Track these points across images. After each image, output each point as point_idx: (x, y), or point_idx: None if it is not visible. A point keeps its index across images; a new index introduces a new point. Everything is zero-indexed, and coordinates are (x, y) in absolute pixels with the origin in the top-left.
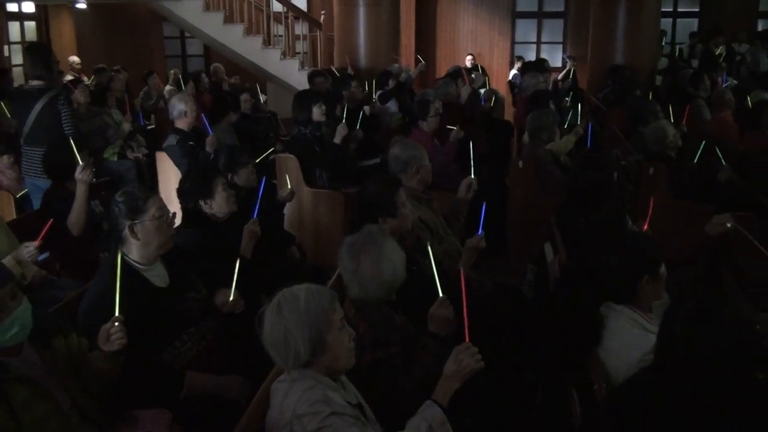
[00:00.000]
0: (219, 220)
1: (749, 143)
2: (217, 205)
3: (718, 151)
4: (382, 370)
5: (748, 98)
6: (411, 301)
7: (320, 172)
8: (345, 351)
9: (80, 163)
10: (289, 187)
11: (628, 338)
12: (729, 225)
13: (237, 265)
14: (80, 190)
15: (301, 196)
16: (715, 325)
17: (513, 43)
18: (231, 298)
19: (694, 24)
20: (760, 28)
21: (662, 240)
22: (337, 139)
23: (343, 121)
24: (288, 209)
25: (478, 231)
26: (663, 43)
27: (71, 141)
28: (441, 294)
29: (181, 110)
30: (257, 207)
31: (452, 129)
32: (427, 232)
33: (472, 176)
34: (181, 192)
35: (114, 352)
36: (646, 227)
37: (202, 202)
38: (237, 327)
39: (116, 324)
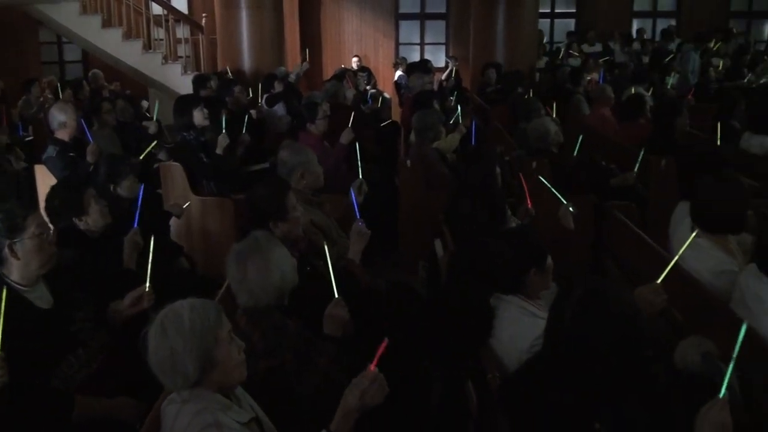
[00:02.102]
0: (95, 234)
1: (626, 135)
2: (92, 220)
3: (639, 158)
4: (277, 378)
5: (634, 89)
6: (307, 304)
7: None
8: (235, 365)
9: None
10: (184, 206)
11: (519, 326)
12: (571, 209)
13: (152, 245)
14: None
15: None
16: (602, 314)
17: (397, 44)
18: (148, 284)
19: (571, 24)
20: (634, 27)
21: (548, 231)
22: (219, 150)
23: (224, 129)
24: (174, 218)
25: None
26: (544, 42)
27: None
28: (336, 295)
29: (60, 121)
30: (137, 216)
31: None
32: (319, 235)
33: (360, 177)
34: (51, 211)
35: None
36: (529, 205)
37: (75, 220)
38: (128, 344)
39: None
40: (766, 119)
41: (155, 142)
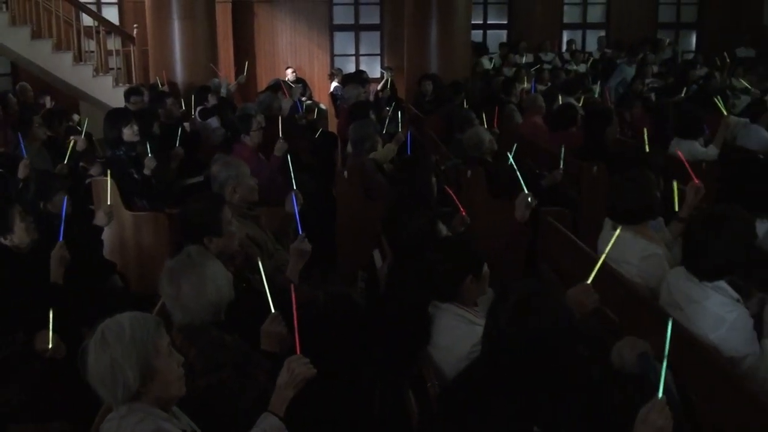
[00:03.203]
0: (23, 251)
1: (558, 143)
2: (18, 237)
3: (561, 155)
4: (216, 394)
5: (560, 99)
6: (244, 319)
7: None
8: (175, 377)
9: None
10: (109, 203)
11: (456, 333)
12: (530, 200)
13: (51, 311)
14: None
15: (122, 220)
16: (537, 317)
17: (332, 55)
18: (50, 345)
19: (503, 35)
20: (565, 39)
21: (484, 237)
22: (146, 172)
23: (150, 153)
24: (107, 235)
25: (299, 233)
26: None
27: None
28: (273, 310)
29: None
30: (62, 229)
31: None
32: (255, 248)
33: (294, 187)
34: None
35: None
36: (463, 213)
37: (0, 237)
38: (61, 368)
39: None
40: (693, 125)
41: (72, 141)
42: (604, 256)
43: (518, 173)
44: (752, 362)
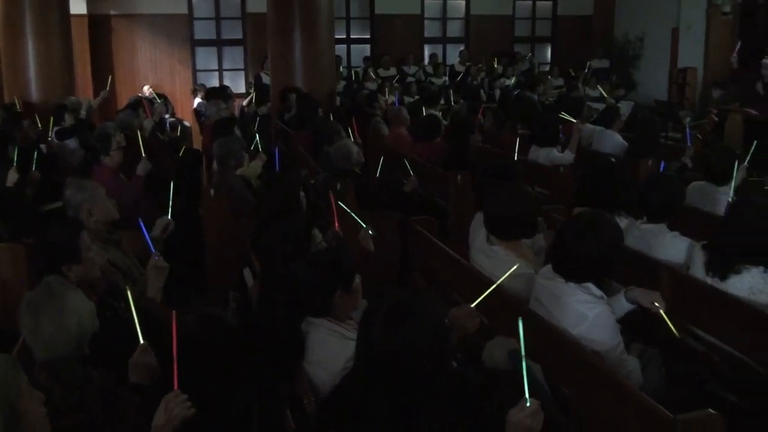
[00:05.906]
0: None
1: (422, 153)
2: None
3: (406, 164)
4: None
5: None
6: (110, 350)
7: None
8: (39, 418)
9: None
10: None
11: (329, 348)
12: (371, 232)
13: None
14: None
15: None
16: (408, 325)
17: (195, 71)
18: None
19: (367, 49)
20: (426, 53)
21: (356, 249)
22: (9, 184)
23: (15, 163)
24: None
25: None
26: (341, 68)
27: None
28: (142, 341)
29: None
30: None
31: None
32: (119, 275)
33: (169, 217)
34: None
35: None
36: (337, 228)
37: None
38: None
39: None
40: (549, 134)
41: None
42: (495, 285)
43: (350, 212)
44: (616, 357)
